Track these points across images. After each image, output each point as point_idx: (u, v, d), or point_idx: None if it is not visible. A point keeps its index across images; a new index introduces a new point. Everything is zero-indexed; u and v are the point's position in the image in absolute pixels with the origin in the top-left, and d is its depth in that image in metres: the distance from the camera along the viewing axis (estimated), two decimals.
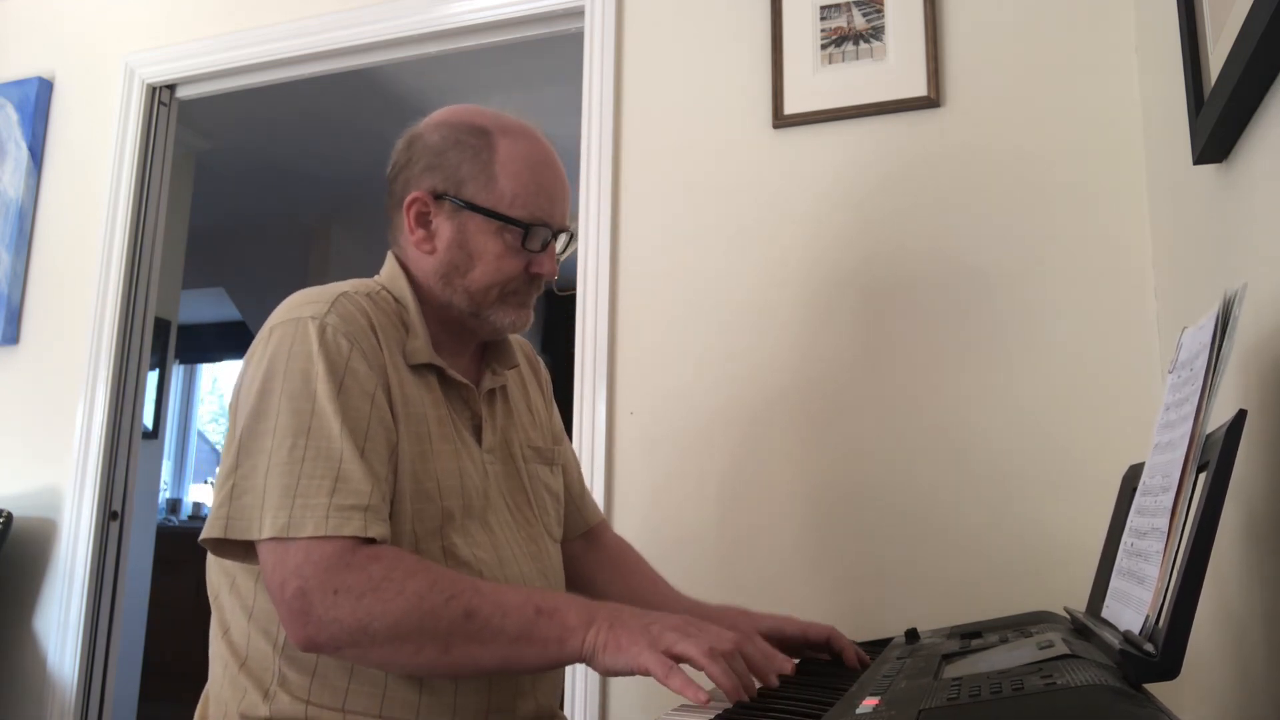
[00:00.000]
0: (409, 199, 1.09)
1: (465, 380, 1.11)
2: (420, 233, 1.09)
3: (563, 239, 1.13)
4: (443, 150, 1.09)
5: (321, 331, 0.97)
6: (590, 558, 1.31)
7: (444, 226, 1.08)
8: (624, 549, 1.36)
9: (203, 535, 0.95)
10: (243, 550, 0.95)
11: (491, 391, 1.16)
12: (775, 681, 0.90)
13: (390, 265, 1.13)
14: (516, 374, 1.24)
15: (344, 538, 0.90)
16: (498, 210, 1.06)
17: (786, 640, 1.16)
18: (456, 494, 1.04)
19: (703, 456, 1.76)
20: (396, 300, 1.09)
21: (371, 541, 0.92)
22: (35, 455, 2.39)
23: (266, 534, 0.91)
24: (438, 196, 1.08)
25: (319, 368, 0.96)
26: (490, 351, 1.18)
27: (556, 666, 0.96)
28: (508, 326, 1.12)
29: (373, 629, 0.88)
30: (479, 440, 1.11)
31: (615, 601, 1.23)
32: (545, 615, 0.90)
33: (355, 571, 0.89)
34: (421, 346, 1.06)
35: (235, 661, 1.00)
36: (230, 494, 0.94)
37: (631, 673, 0.87)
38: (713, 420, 1.76)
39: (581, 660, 0.89)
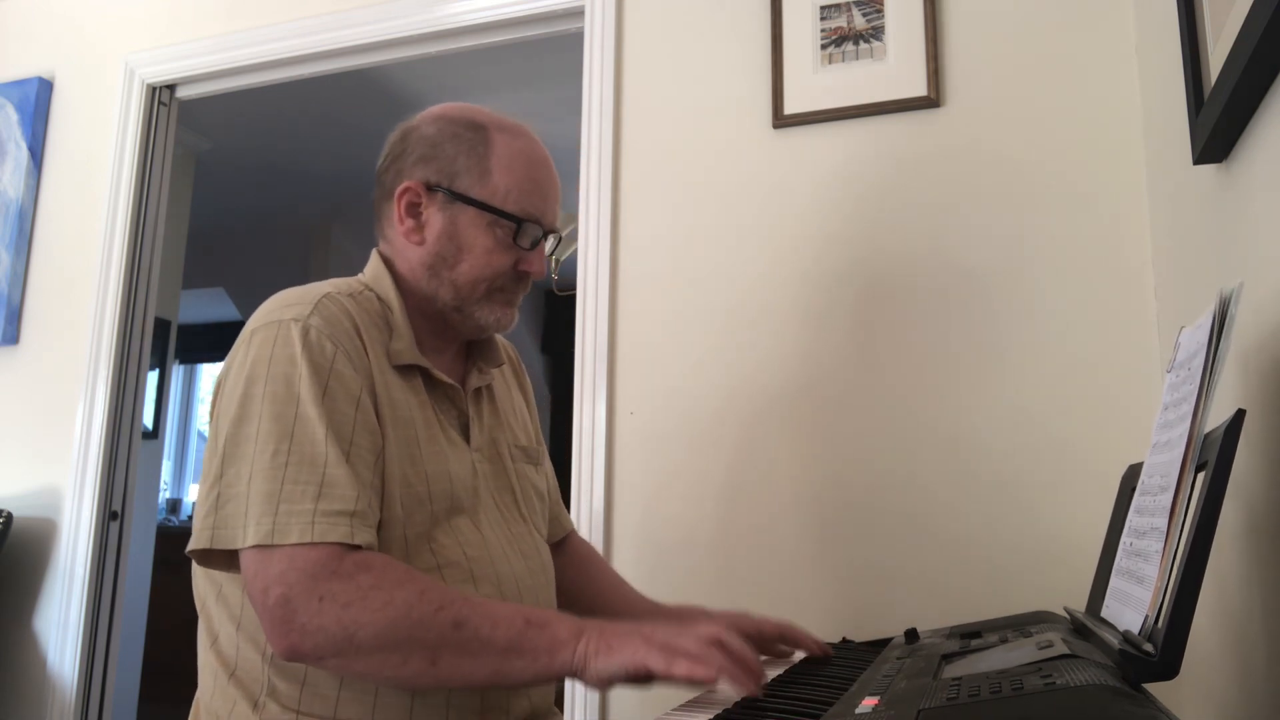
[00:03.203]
0: (401, 188, 1.08)
1: (451, 381, 1.10)
2: (410, 223, 1.08)
3: (550, 242, 1.13)
4: (438, 142, 1.08)
5: (305, 334, 0.96)
6: (557, 561, 1.30)
7: (435, 218, 1.07)
8: (590, 552, 1.36)
9: (189, 546, 0.93)
10: (229, 560, 0.93)
11: (478, 391, 1.15)
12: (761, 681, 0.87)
13: (374, 264, 1.12)
14: (501, 373, 1.23)
15: (330, 544, 0.88)
16: (491, 204, 1.06)
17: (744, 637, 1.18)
18: (446, 495, 1.03)
19: (703, 456, 1.76)
20: (380, 300, 1.07)
21: (357, 549, 0.90)
22: (35, 455, 2.39)
23: (250, 542, 0.89)
24: (430, 188, 1.07)
25: (303, 371, 0.94)
26: (476, 350, 1.17)
27: (545, 680, 0.93)
28: (492, 324, 1.11)
29: (358, 638, 0.86)
30: (467, 439, 1.10)
31: (579, 603, 1.25)
32: (535, 627, 0.88)
33: (342, 579, 0.87)
34: (406, 348, 1.05)
35: (224, 672, 0.98)
36: (215, 503, 0.92)
37: (627, 675, 0.85)
38: (713, 420, 1.76)
39: (571, 673, 0.87)
